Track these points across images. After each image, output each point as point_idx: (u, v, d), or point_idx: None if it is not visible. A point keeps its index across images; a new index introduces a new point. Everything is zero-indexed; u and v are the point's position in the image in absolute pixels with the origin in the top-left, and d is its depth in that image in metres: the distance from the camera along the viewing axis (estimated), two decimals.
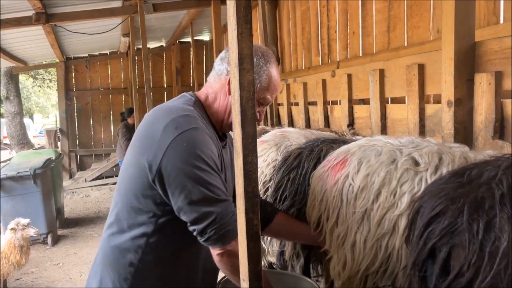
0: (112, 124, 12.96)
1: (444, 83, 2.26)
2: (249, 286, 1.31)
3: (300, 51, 5.73)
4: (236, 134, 1.27)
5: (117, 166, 10.58)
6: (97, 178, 11.43)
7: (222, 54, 1.71)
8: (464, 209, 1.10)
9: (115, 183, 8.50)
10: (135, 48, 8.08)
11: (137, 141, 1.55)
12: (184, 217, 1.46)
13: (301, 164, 2.21)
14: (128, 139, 8.74)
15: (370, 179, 1.69)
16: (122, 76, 12.98)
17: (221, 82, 1.66)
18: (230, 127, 1.70)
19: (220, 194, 1.46)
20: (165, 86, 12.88)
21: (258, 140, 2.77)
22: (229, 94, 1.62)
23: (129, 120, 9.02)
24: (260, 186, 2.64)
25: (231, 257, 1.48)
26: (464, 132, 2.20)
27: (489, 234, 1.05)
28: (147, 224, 1.53)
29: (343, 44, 4.85)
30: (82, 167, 12.72)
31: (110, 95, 12.96)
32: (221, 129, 1.71)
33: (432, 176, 1.57)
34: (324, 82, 4.03)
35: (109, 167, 11.50)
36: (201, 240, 1.46)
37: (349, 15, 4.73)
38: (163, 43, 12.48)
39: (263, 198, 2.20)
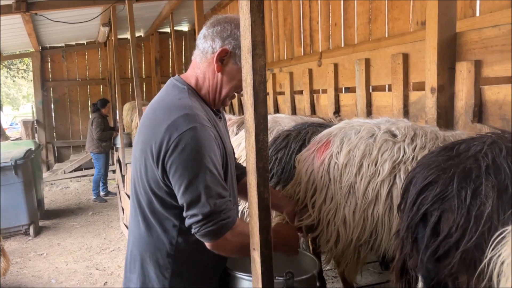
0: (90, 115, 12.77)
1: (428, 71, 2.42)
2: (260, 255, 1.41)
3: (282, 42, 5.83)
4: (248, 114, 1.37)
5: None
6: (76, 169, 11.32)
7: (204, 31, 1.68)
8: (454, 178, 1.24)
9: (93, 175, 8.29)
10: (113, 37, 7.99)
11: (143, 143, 1.59)
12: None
13: (288, 145, 2.36)
14: (103, 129, 8.63)
15: (352, 154, 1.84)
16: (100, 66, 12.80)
17: (207, 60, 1.67)
18: (222, 103, 1.75)
19: (212, 194, 1.50)
20: (143, 77, 12.79)
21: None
22: (218, 71, 1.65)
23: (103, 111, 8.88)
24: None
25: (220, 250, 1.58)
26: (445, 116, 2.37)
27: (475, 200, 1.20)
28: (175, 216, 1.61)
29: (325, 35, 4.98)
30: (59, 158, 12.54)
31: (88, 86, 12.77)
32: (216, 106, 1.75)
33: (409, 146, 1.73)
34: (310, 71, 4.16)
35: (88, 158, 11.37)
36: (192, 232, 1.57)
37: (331, 6, 4.86)
38: (141, 34, 12.36)
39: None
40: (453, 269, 1.18)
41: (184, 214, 1.55)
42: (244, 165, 2.49)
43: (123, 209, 7.25)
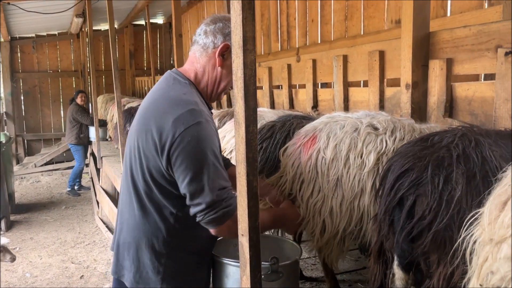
0: (62, 107, 12.52)
1: (403, 68, 2.54)
2: (249, 240, 1.48)
3: (259, 37, 5.90)
4: (239, 107, 1.43)
5: (69, 151, 10.27)
6: (47, 163, 11.07)
7: (204, 28, 1.76)
8: (428, 166, 1.36)
9: (67, 168, 8.28)
10: (88, 29, 7.85)
11: (146, 132, 1.64)
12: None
13: (273, 135, 2.44)
14: (87, 117, 8.47)
15: (338, 148, 1.94)
16: (72, 58, 12.53)
17: (208, 55, 1.74)
18: (218, 96, 1.84)
19: (215, 185, 1.58)
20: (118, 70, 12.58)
21: (233, 120, 2.94)
22: (219, 65, 1.74)
23: (78, 100, 8.72)
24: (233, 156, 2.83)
25: (224, 234, 1.68)
26: (419, 111, 2.51)
27: (447, 185, 1.31)
28: (172, 204, 1.67)
29: (302, 31, 5.08)
30: (30, 152, 12.23)
31: (60, 78, 12.48)
32: (211, 100, 1.83)
33: (390, 138, 1.85)
34: (289, 66, 4.25)
35: (60, 152, 11.17)
36: (196, 220, 1.64)
37: (308, 3, 4.95)
38: (115, 26, 12.16)
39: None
40: (425, 249, 1.30)
41: (188, 203, 1.61)
42: (228, 157, 2.57)
43: (98, 203, 7.18)
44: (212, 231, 1.65)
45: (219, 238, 1.94)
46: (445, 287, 1.23)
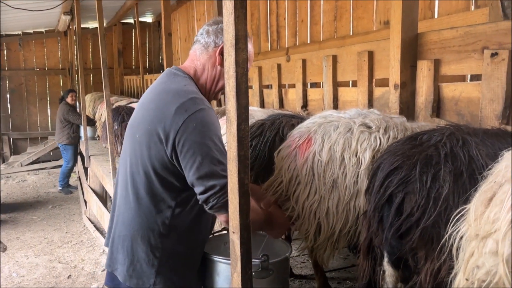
0: (49, 106, 12.37)
1: (391, 68, 2.58)
2: (240, 237, 1.49)
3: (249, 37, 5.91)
4: (231, 105, 1.44)
5: (56, 150, 10.15)
6: (34, 162, 10.94)
7: (206, 28, 1.83)
8: (416, 164, 1.39)
9: (54, 167, 8.22)
10: (76, 27, 7.77)
11: (148, 124, 1.66)
12: (194, 189, 1.64)
13: (263, 133, 2.46)
14: (78, 117, 8.37)
15: (333, 150, 1.96)
16: (60, 56, 12.39)
17: (208, 53, 1.80)
18: (216, 95, 1.88)
19: (224, 169, 1.59)
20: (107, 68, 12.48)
21: (223, 118, 2.95)
22: (218, 64, 1.79)
23: (68, 100, 8.64)
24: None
25: None
26: (407, 111, 2.55)
27: (435, 183, 1.34)
28: (171, 197, 1.69)
29: (292, 31, 5.11)
30: (15, 151, 12.06)
31: (47, 76, 12.33)
32: (208, 98, 1.86)
33: (384, 136, 1.88)
34: (279, 66, 4.27)
35: (46, 150, 11.04)
36: (206, 208, 1.64)
37: (298, 3, 4.99)
38: (103, 24, 12.07)
39: None
40: (413, 245, 1.33)
41: (199, 189, 1.60)
42: None
43: (86, 202, 7.12)
44: (224, 217, 1.62)
45: (210, 236, 1.95)
46: (432, 283, 1.26)
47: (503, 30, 2.12)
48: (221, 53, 1.77)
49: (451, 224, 1.15)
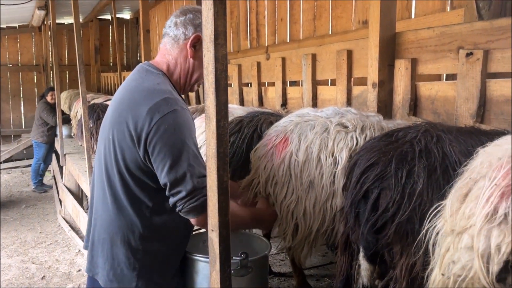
0: (22, 103, 12.06)
1: (370, 67, 2.61)
2: (218, 235, 1.48)
3: (229, 35, 5.89)
4: (210, 101, 1.42)
5: (30, 148, 9.88)
6: (6, 160, 10.63)
7: (174, 20, 1.75)
8: (392, 160, 1.41)
9: (28, 166, 8.05)
10: (50, 22, 7.59)
11: (120, 124, 1.61)
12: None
13: (241, 129, 2.45)
14: (52, 117, 8.21)
15: (309, 150, 1.96)
16: (34, 52, 12.09)
17: (179, 47, 1.74)
18: (191, 88, 1.83)
19: (195, 173, 1.56)
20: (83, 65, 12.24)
21: (202, 116, 2.93)
22: (190, 57, 1.73)
23: (48, 98, 8.49)
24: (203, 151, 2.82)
25: (204, 225, 1.64)
26: (385, 109, 2.58)
27: (409, 179, 1.36)
28: (149, 197, 1.64)
29: (271, 30, 5.11)
30: None
31: (20, 72, 12.02)
32: (184, 92, 1.82)
33: (360, 135, 1.89)
34: (258, 64, 4.27)
35: (20, 149, 10.73)
36: (176, 210, 1.62)
37: (277, 2, 4.99)
38: (79, 19, 11.83)
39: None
40: (389, 240, 1.34)
41: (168, 193, 1.59)
42: None
43: (60, 202, 6.98)
44: (193, 220, 1.62)
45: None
46: (407, 277, 1.28)
47: (478, 31, 2.17)
48: (192, 45, 1.72)
49: (428, 220, 1.16)
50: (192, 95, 6.27)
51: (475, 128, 1.60)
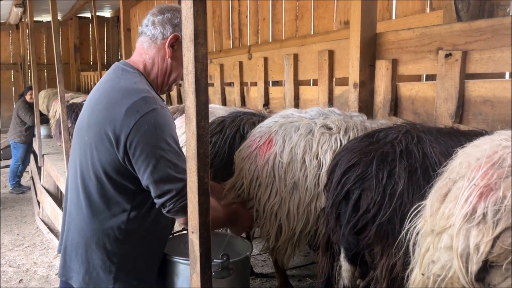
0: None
1: (351, 67, 2.62)
2: (199, 237, 1.46)
3: (211, 34, 5.85)
4: (189, 101, 1.40)
5: (7, 148, 9.65)
6: None
7: (152, 19, 1.72)
8: (373, 161, 1.41)
9: (5, 167, 7.83)
10: (28, 20, 7.43)
11: (97, 125, 1.57)
12: (151, 193, 1.57)
13: (223, 130, 2.44)
14: (30, 116, 8.05)
15: (294, 152, 1.96)
16: (11, 50, 11.81)
17: (157, 46, 1.70)
18: (169, 88, 1.80)
19: (180, 171, 1.54)
20: (62, 63, 12.03)
21: (183, 116, 2.90)
22: (168, 57, 1.70)
23: (27, 97, 8.32)
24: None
25: None
26: (366, 109, 2.59)
27: (390, 180, 1.37)
28: (126, 200, 1.61)
29: (253, 29, 5.10)
30: None
31: None
32: (161, 91, 1.79)
33: (344, 137, 1.90)
34: (241, 64, 4.25)
35: None
36: (163, 211, 1.58)
37: (260, 1, 4.98)
38: (58, 17, 11.61)
39: None
40: (369, 241, 1.34)
41: (154, 194, 1.55)
42: None
43: (39, 203, 6.84)
44: (182, 219, 1.60)
45: (170, 236, 1.91)
46: (387, 278, 1.28)
47: (457, 32, 2.19)
48: (170, 45, 1.69)
49: (408, 220, 1.17)
50: (173, 94, 6.22)
51: (454, 129, 1.62)
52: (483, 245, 0.93)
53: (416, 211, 1.16)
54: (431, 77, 2.64)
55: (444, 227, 1.01)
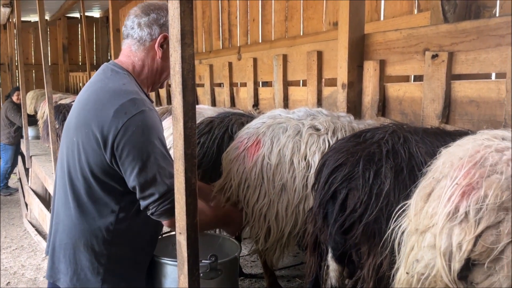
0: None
1: (339, 68, 2.64)
2: (187, 238, 1.46)
3: (200, 35, 5.84)
4: (176, 102, 1.40)
5: None
6: None
7: (137, 20, 1.70)
8: (360, 161, 1.42)
9: None
10: (16, 20, 7.36)
11: (85, 126, 1.57)
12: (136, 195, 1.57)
13: (212, 130, 2.44)
14: (20, 117, 7.96)
15: (282, 153, 1.96)
16: None
17: (146, 48, 1.69)
18: (161, 85, 1.81)
19: (166, 175, 1.54)
20: (49, 64, 11.93)
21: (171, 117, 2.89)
22: (159, 57, 1.70)
23: (14, 98, 8.22)
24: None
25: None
26: (354, 110, 2.61)
27: (377, 179, 1.38)
28: (114, 201, 1.60)
29: (243, 30, 5.10)
30: None
31: None
32: (152, 89, 1.79)
33: (332, 138, 1.91)
34: (230, 64, 4.25)
35: None
36: (148, 213, 1.58)
37: (249, 2, 4.98)
38: (47, 17, 11.50)
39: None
40: (356, 240, 1.35)
41: (139, 195, 1.55)
42: None
43: (26, 205, 6.76)
44: (165, 223, 1.60)
45: (160, 237, 1.90)
46: (374, 277, 1.29)
47: (443, 33, 2.22)
48: (160, 45, 1.69)
49: (393, 220, 1.18)
50: (163, 95, 6.20)
51: (440, 129, 1.64)
52: (465, 243, 0.94)
53: (401, 210, 1.17)
54: (419, 78, 2.67)
55: (427, 226, 1.02)
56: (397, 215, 1.18)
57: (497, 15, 2.36)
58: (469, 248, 0.94)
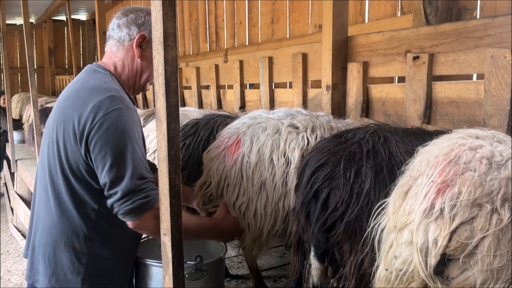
0: None
1: (324, 70, 2.67)
2: (171, 239, 1.47)
3: (188, 37, 5.85)
4: (160, 104, 1.41)
5: None
6: None
7: (117, 22, 1.74)
8: (341, 160, 1.44)
9: None
10: (1, 23, 7.27)
11: (64, 122, 1.57)
12: None
13: (197, 132, 2.44)
14: (6, 121, 7.86)
15: (261, 151, 1.98)
16: None
17: (125, 48, 1.73)
18: (143, 88, 1.82)
19: (134, 174, 1.53)
20: (35, 67, 11.81)
21: None
22: (138, 57, 1.72)
23: (0, 102, 8.12)
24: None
25: (141, 229, 1.62)
26: (339, 111, 2.64)
27: (357, 179, 1.41)
28: (94, 199, 1.60)
29: (230, 33, 5.12)
30: None
31: None
32: (134, 92, 1.81)
33: (311, 135, 1.94)
34: (217, 67, 4.27)
35: None
36: (114, 212, 1.58)
37: (236, 5, 5.00)
38: (32, 20, 11.40)
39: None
40: (338, 239, 1.38)
41: (106, 193, 1.55)
42: (152, 157, 2.53)
43: (12, 210, 6.68)
44: (129, 224, 1.59)
45: (143, 239, 1.90)
46: (356, 274, 1.32)
47: (424, 35, 2.26)
48: (138, 45, 1.71)
49: (373, 218, 1.20)
50: (150, 97, 6.18)
51: (420, 129, 1.67)
52: (440, 239, 0.97)
53: (381, 208, 1.19)
54: (402, 79, 2.71)
55: (405, 223, 1.05)
56: (376, 213, 1.20)
57: (478, 17, 2.41)
58: (444, 244, 0.97)
